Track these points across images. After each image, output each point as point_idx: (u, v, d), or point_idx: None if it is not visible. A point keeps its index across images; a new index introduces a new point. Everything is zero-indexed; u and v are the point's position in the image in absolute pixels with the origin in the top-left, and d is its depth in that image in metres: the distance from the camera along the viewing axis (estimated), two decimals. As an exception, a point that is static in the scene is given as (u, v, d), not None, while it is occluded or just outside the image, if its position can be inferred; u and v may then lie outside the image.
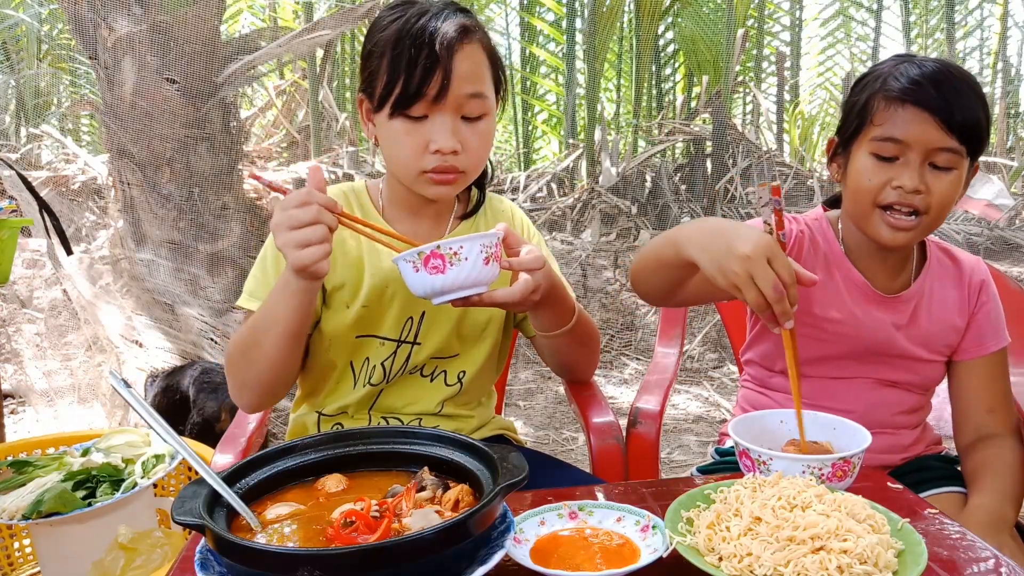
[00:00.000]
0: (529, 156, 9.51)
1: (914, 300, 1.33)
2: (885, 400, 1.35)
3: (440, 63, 1.13)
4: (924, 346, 1.33)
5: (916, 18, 10.30)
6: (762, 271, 0.94)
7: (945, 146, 1.17)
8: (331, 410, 1.32)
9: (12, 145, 7.43)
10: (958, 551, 0.86)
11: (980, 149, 1.20)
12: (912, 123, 1.17)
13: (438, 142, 1.16)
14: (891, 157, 1.19)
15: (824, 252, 1.34)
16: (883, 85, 1.20)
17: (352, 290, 1.27)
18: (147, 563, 1.45)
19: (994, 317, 1.35)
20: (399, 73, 1.14)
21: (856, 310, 1.32)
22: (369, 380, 1.30)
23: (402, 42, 1.14)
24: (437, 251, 1.02)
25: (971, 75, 1.20)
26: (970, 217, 6.94)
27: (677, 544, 0.81)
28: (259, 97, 7.99)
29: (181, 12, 3.47)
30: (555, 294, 1.21)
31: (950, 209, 1.22)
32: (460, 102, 1.16)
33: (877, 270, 1.33)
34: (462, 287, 1.04)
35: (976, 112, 1.17)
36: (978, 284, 1.35)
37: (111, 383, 0.87)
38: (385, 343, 1.29)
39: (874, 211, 1.23)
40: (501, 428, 1.45)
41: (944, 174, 1.19)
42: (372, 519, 0.79)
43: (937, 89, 1.15)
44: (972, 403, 1.33)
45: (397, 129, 1.17)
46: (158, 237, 3.61)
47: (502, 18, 10.11)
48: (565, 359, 1.40)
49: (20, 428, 3.30)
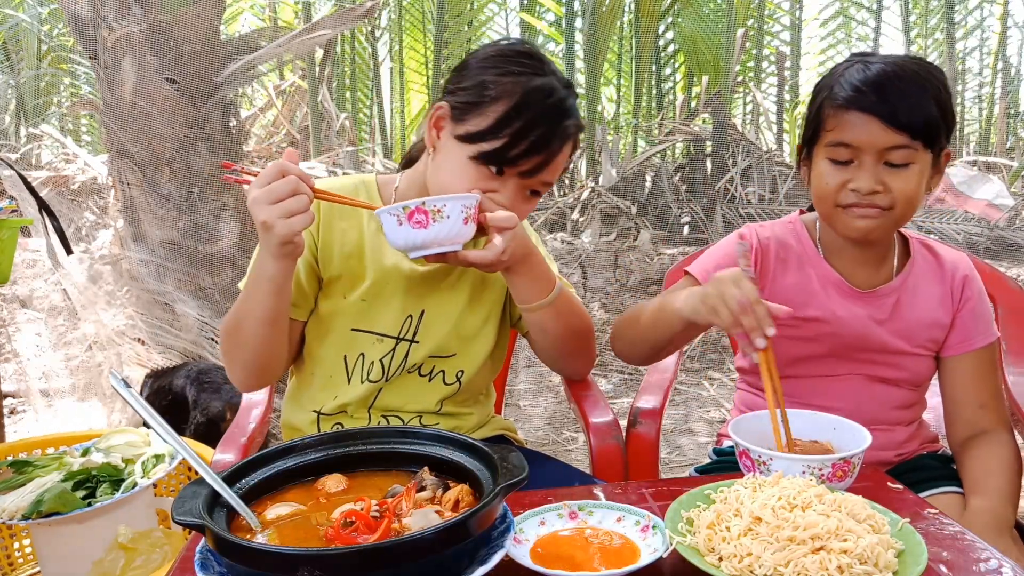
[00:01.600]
0: (529, 156, 9.51)
1: (895, 295, 1.34)
2: (875, 396, 1.35)
3: (548, 150, 1.17)
4: (907, 340, 1.33)
5: (916, 18, 10.31)
6: (728, 291, 1.08)
7: (895, 144, 1.18)
8: (330, 408, 1.32)
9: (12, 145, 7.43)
10: (958, 551, 0.86)
11: (939, 139, 1.21)
12: (859, 127, 1.20)
13: (487, 204, 1.16)
14: (846, 161, 1.22)
15: (798, 253, 1.37)
16: (830, 93, 1.24)
17: (350, 280, 1.28)
18: (147, 563, 1.45)
19: (979, 313, 1.35)
20: (508, 135, 1.15)
21: (833, 306, 1.33)
22: (368, 377, 1.30)
23: (528, 110, 1.15)
24: (422, 207, 1.08)
25: (926, 68, 1.22)
26: (970, 217, 6.94)
27: (677, 544, 0.81)
28: (259, 97, 7.99)
29: (181, 12, 3.46)
30: (530, 261, 1.22)
31: (917, 201, 1.23)
32: (533, 184, 1.21)
33: (856, 267, 1.35)
34: (441, 243, 1.10)
35: (925, 109, 1.18)
36: (961, 280, 1.35)
37: (111, 383, 0.87)
38: (383, 340, 1.29)
39: (837, 211, 1.26)
40: (501, 428, 1.45)
41: (901, 170, 1.20)
42: (372, 519, 0.79)
43: (880, 93, 1.18)
44: (962, 399, 1.33)
45: (467, 168, 1.18)
46: (158, 237, 3.61)
47: (501, 18, 10.12)
48: (555, 344, 1.34)
49: (20, 428, 3.29)
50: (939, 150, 1.23)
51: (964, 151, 10.21)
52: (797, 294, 1.34)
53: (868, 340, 1.33)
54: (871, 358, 1.34)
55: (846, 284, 1.34)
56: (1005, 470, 1.23)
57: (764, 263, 1.37)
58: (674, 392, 1.54)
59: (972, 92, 10.84)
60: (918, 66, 1.21)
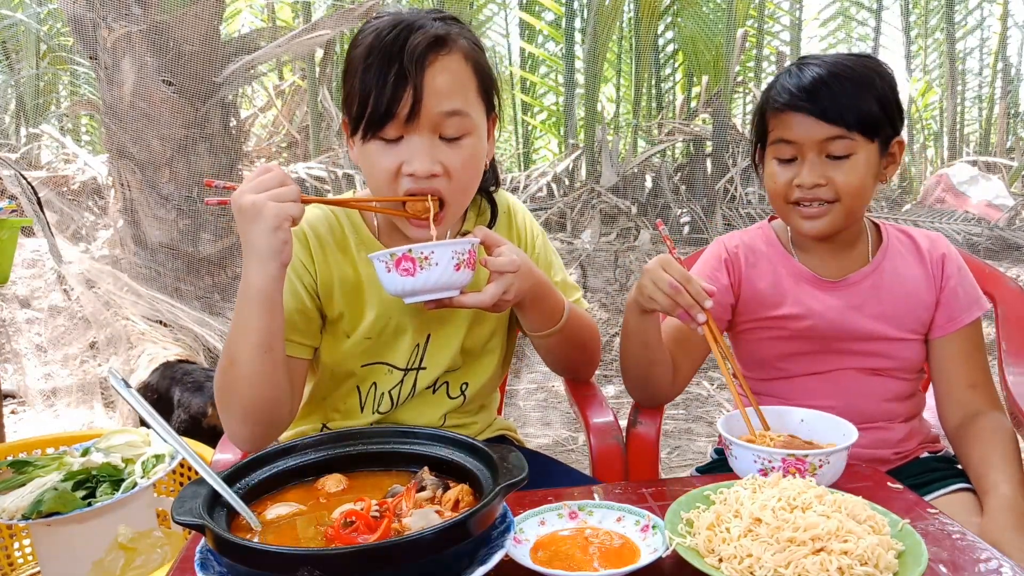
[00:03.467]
0: (529, 156, 9.51)
1: (869, 279, 1.36)
2: (867, 390, 1.36)
3: (409, 79, 1.04)
4: (892, 324, 1.34)
5: (916, 18, 10.31)
6: (658, 276, 1.16)
7: (831, 135, 1.24)
8: (336, 426, 1.30)
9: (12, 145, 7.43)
10: (958, 551, 0.86)
11: (880, 129, 1.26)
12: (795, 125, 1.27)
13: (412, 164, 1.07)
14: (791, 158, 1.29)
15: (768, 256, 1.42)
16: (769, 99, 1.32)
17: (352, 320, 1.22)
18: (147, 563, 1.45)
19: (963, 289, 1.36)
20: (368, 92, 1.05)
21: (807, 299, 1.36)
22: (377, 408, 1.27)
23: (371, 57, 1.05)
24: (408, 254, 1.03)
25: (863, 64, 1.27)
26: (970, 217, 6.94)
27: (677, 546, 0.81)
28: (259, 97, 7.99)
29: (180, 12, 3.46)
30: (537, 294, 1.18)
31: (865, 190, 1.28)
32: (436, 121, 1.07)
33: (827, 260, 1.39)
34: (432, 290, 1.05)
35: (859, 101, 1.24)
36: (939, 258, 1.37)
37: (111, 383, 0.87)
38: (392, 371, 1.26)
39: (789, 208, 1.32)
40: (502, 429, 1.45)
41: (843, 162, 1.26)
42: (372, 519, 0.79)
43: (813, 91, 1.25)
44: (953, 380, 1.34)
45: (373, 152, 1.10)
46: (158, 237, 3.61)
47: (501, 18, 10.11)
48: (561, 359, 1.38)
49: (20, 428, 3.29)
50: (886, 140, 1.28)
51: (964, 151, 10.21)
52: (771, 295, 1.38)
53: (849, 329, 1.34)
54: (857, 348, 1.35)
55: (816, 276, 1.37)
56: (1008, 460, 1.23)
57: (735, 270, 1.42)
58: (674, 392, 1.53)
59: (972, 92, 10.84)
60: (855, 63, 1.27)
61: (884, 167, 1.31)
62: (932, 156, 10.37)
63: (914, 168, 9.68)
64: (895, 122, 1.29)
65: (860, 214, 1.34)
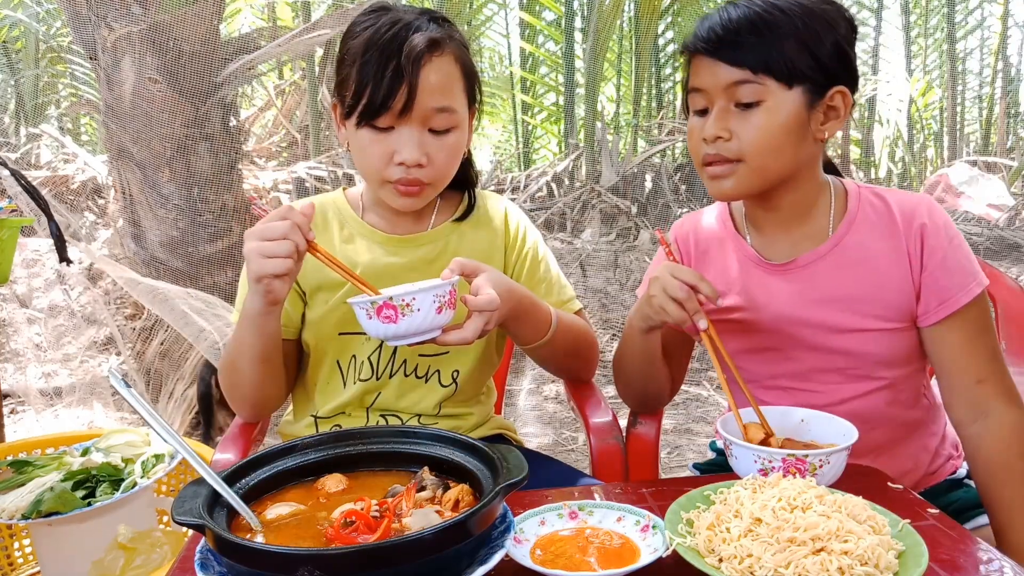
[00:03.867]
0: (529, 156, 9.51)
1: (827, 259, 1.17)
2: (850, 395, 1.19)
3: (406, 77, 1.12)
4: (861, 313, 1.16)
5: (916, 18, 10.31)
6: (668, 281, 1.09)
7: (736, 80, 1.08)
8: (326, 411, 1.32)
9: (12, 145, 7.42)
10: (959, 552, 0.86)
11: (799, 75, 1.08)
12: (702, 70, 1.12)
13: (403, 154, 1.16)
14: (703, 110, 1.14)
15: (719, 238, 1.28)
16: (685, 44, 1.16)
17: (330, 287, 1.28)
18: (147, 563, 1.45)
19: (954, 263, 1.13)
20: (366, 83, 1.13)
21: (753, 287, 1.21)
22: (359, 377, 1.30)
23: (370, 51, 1.13)
24: (389, 302, 1.03)
25: (797, 5, 1.09)
26: (970, 217, 6.94)
27: (677, 546, 0.81)
28: (259, 97, 7.99)
29: (181, 12, 3.46)
30: (519, 314, 1.20)
31: (781, 146, 1.10)
32: (427, 115, 1.16)
33: (778, 237, 1.21)
34: (415, 335, 1.06)
35: (771, 41, 1.07)
36: (918, 230, 1.14)
37: (111, 383, 0.87)
38: (370, 338, 1.29)
39: (702, 171, 1.16)
40: (501, 428, 1.45)
41: (751, 112, 1.09)
42: (372, 519, 0.79)
43: (716, 36, 1.10)
44: (957, 375, 1.14)
45: (364, 138, 1.18)
46: (158, 237, 3.61)
47: (501, 18, 10.11)
48: (555, 366, 1.40)
49: (20, 428, 3.29)
50: (819, 89, 1.10)
51: (964, 151, 10.21)
52: (719, 284, 1.23)
53: (800, 321, 1.17)
54: (820, 343, 1.18)
55: (762, 260, 1.21)
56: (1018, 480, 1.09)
57: (687, 258, 1.31)
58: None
59: (972, 92, 10.84)
60: (788, 4, 1.09)
61: (822, 122, 1.12)
62: (932, 156, 10.37)
63: (914, 168, 9.67)
64: (834, 71, 1.09)
65: (780, 175, 1.13)
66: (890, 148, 9.58)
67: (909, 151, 9.59)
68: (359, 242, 1.31)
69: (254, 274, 1.05)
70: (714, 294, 1.10)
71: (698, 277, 1.09)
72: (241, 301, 1.30)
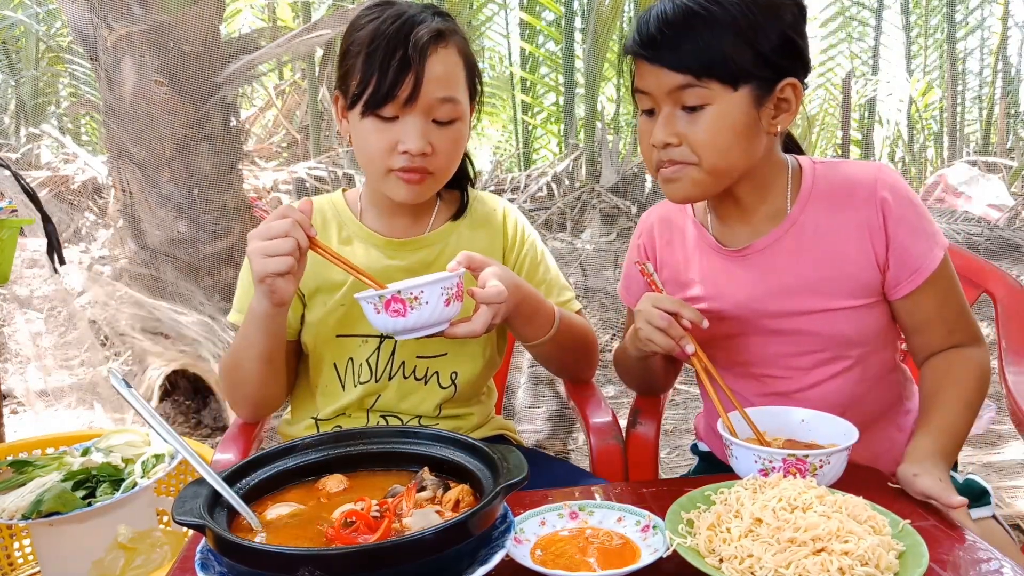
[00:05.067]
0: (529, 156, 9.52)
1: (784, 241, 1.16)
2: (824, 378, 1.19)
3: (412, 66, 1.14)
4: (825, 293, 1.15)
5: (916, 18, 10.31)
6: (649, 312, 1.09)
7: (679, 85, 1.06)
8: (327, 413, 1.32)
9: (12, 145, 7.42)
10: (959, 552, 0.86)
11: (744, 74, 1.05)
12: (647, 73, 1.09)
13: (407, 143, 1.17)
14: (650, 110, 1.12)
15: (681, 226, 1.28)
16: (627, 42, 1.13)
17: (328, 289, 1.29)
18: (147, 563, 1.45)
19: (920, 229, 1.12)
20: (372, 74, 1.15)
21: (717, 275, 1.21)
22: (359, 379, 1.30)
23: (376, 42, 1.15)
24: (398, 295, 1.03)
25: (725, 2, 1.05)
26: (970, 217, 6.94)
27: (677, 546, 0.81)
28: (259, 97, 7.99)
29: (181, 12, 3.46)
30: (525, 309, 1.21)
31: (730, 147, 1.08)
32: (431, 105, 1.17)
33: (736, 223, 1.20)
34: (423, 328, 1.06)
35: (711, 43, 1.04)
36: (879, 202, 1.12)
37: (111, 383, 0.87)
38: (367, 340, 1.30)
39: (655, 173, 1.14)
40: (501, 428, 1.45)
41: (699, 114, 1.07)
42: (372, 519, 0.79)
43: (653, 38, 1.07)
44: (929, 334, 1.16)
45: (368, 128, 1.19)
46: (158, 236, 3.61)
47: (501, 18, 10.11)
48: (556, 364, 1.41)
49: (20, 428, 3.29)
50: (767, 84, 1.07)
51: (964, 151, 10.21)
52: (683, 273, 1.24)
53: (762, 308, 1.16)
54: (787, 327, 1.17)
55: (720, 247, 1.21)
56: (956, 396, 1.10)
57: (651, 250, 1.31)
58: (674, 392, 1.54)
59: (972, 92, 10.84)
60: (714, 4, 1.05)
61: (774, 116, 1.09)
62: (932, 156, 10.37)
63: (914, 168, 9.67)
64: (782, 64, 1.07)
65: (734, 174, 1.12)
66: (890, 148, 9.59)
67: (909, 151, 9.60)
68: (357, 244, 1.31)
69: (258, 274, 1.06)
70: (698, 318, 1.09)
71: (679, 304, 1.09)
72: (239, 301, 1.31)
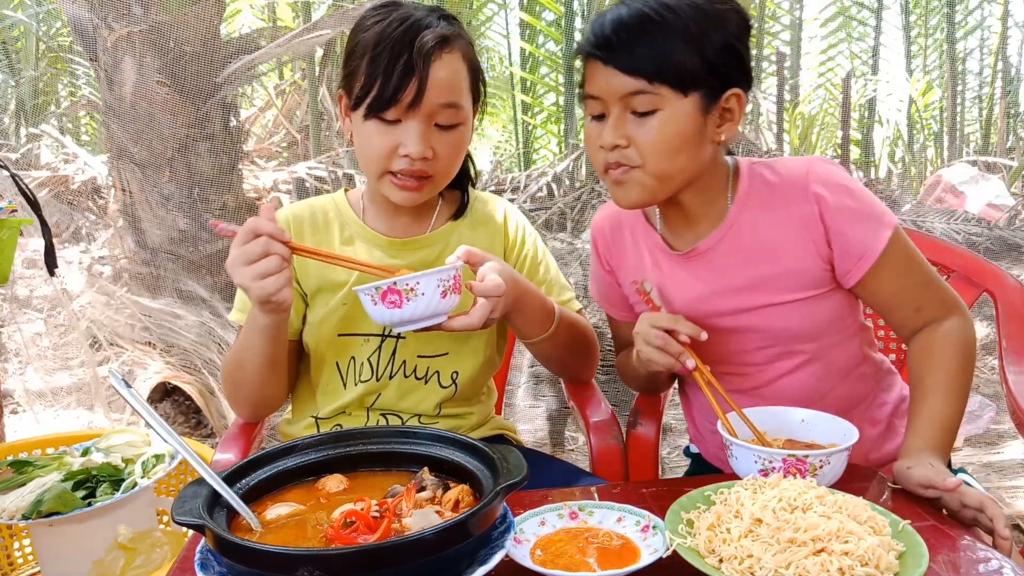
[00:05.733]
0: (529, 156, 9.51)
1: (725, 242, 1.18)
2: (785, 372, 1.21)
3: (416, 71, 1.14)
4: (773, 289, 1.17)
5: (916, 18, 10.30)
6: (647, 333, 1.11)
7: (631, 90, 1.07)
8: (327, 412, 1.33)
9: (12, 145, 7.42)
10: (959, 553, 0.86)
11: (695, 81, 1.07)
12: (599, 76, 1.10)
13: (408, 147, 1.17)
14: (600, 115, 1.13)
15: (631, 226, 1.28)
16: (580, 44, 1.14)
17: (330, 288, 1.29)
18: (147, 563, 1.45)
19: (860, 214, 1.14)
20: (376, 77, 1.15)
21: (665, 278, 1.22)
22: (360, 378, 1.30)
23: (382, 45, 1.15)
24: (394, 287, 1.05)
25: (689, 4, 1.07)
26: (970, 217, 6.94)
27: (677, 546, 0.81)
28: (259, 97, 7.99)
29: (181, 12, 3.46)
30: (525, 305, 1.22)
31: (677, 153, 1.10)
32: (434, 110, 1.17)
33: (680, 226, 1.22)
34: (420, 319, 1.07)
35: (665, 49, 1.05)
36: (813, 197, 1.14)
37: (111, 383, 0.87)
38: (369, 339, 1.30)
39: (605, 176, 1.15)
40: (501, 428, 1.45)
41: (648, 119, 1.08)
42: (372, 519, 0.79)
43: (607, 42, 1.08)
44: (896, 312, 1.18)
45: (371, 130, 1.19)
46: (158, 237, 3.61)
47: (501, 18, 10.11)
48: (556, 363, 1.42)
49: (20, 428, 3.29)
50: (713, 93, 1.09)
51: (964, 151, 10.21)
52: (637, 274, 1.25)
53: (713, 308, 1.18)
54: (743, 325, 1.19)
55: (667, 250, 1.22)
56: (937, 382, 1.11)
57: (606, 252, 1.32)
58: (674, 392, 1.53)
59: (972, 92, 10.84)
60: (675, 4, 1.07)
61: (719, 125, 1.12)
62: (932, 156, 10.37)
63: (914, 168, 9.67)
64: (727, 74, 1.10)
65: (681, 180, 1.13)
66: (890, 148, 9.58)
67: (909, 151, 9.59)
68: (359, 244, 1.31)
69: (257, 299, 1.06)
70: (695, 332, 1.10)
71: (675, 320, 1.10)
72: (240, 300, 1.31)
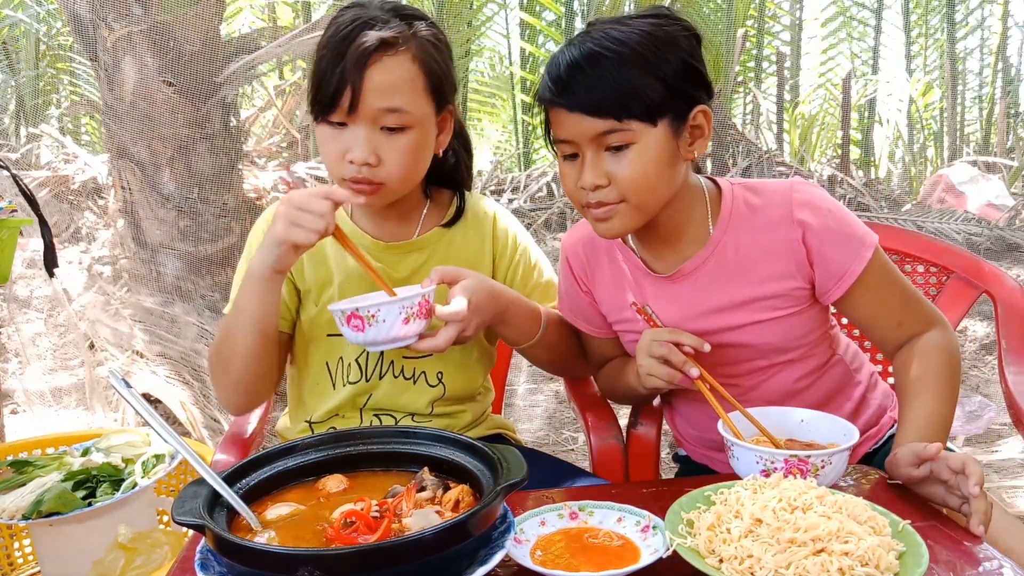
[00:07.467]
0: (529, 156, 9.51)
1: (709, 264, 1.19)
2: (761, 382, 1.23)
3: (348, 78, 1.12)
4: (754, 308, 1.18)
5: (916, 18, 10.30)
6: (650, 347, 1.12)
7: (603, 130, 1.08)
8: (320, 415, 1.32)
9: (12, 145, 7.42)
10: (959, 553, 0.86)
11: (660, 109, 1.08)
12: (566, 122, 1.10)
13: (352, 152, 1.16)
14: (573, 155, 1.13)
15: (607, 247, 1.28)
16: (539, 89, 1.15)
17: (320, 288, 1.29)
18: (147, 563, 1.45)
19: (841, 236, 1.16)
20: (320, 80, 1.15)
21: (649, 299, 1.22)
22: (348, 379, 1.30)
23: (326, 49, 1.15)
24: (356, 312, 1.08)
25: (639, 33, 1.08)
26: (970, 217, 6.93)
27: (677, 546, 0.81)
28: (259, 97, 7.98)
29: (181, 12, 3.46)
30: (510, 316, 1.22)
31: (656, 182, 1.11)
32: (375, 114, 1.15)
33: (661, 249, 1.23)
34: (383, 343, 1.10)
35: (629, 88, 1.06)
36: (797, 221, 1.16)
37: (111, 383, 0.87)
38: None
39: (585, 211, 1.16)
40: (500, 428, 1.45)
41: (623, 153, 1.09)
42: (372, 519, 0.79)
43: (567, 87, 1.08)
44: (877, 329, 1.20)
45: (325, 134, 1.19)
46: (158, 237, 3.61)
47: (501, 18, 10.11)
48: (548, 365, 1.42)
49: (20, 428, 3.29)
50: (680, 115, 1.10)
51: (964, 151, 10.21)
52: (616, 295, 1.26)
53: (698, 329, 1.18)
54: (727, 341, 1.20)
55: (648, 272, 1.23)
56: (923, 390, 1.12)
57: (581, 273, 1.31)
58: (674, 392, 1.52)
59: (972, 92, 10.84)
60: (627, 35, 1.07)
61: (690, 143, 1.13)
62: (932, 156, 10.37)
63: (914, 168, 9.67)
64: (690, 93, 1.10)
65: (660, 205, 1.15)
66: (890, 148, 9.58)
67: (909, 151, 9.59)
68: None
69: (279, 236, 1.07)
70: (698, 343, 1.11)
71: (677, 333, 1.12)
72: (234, 294, 1.29)
